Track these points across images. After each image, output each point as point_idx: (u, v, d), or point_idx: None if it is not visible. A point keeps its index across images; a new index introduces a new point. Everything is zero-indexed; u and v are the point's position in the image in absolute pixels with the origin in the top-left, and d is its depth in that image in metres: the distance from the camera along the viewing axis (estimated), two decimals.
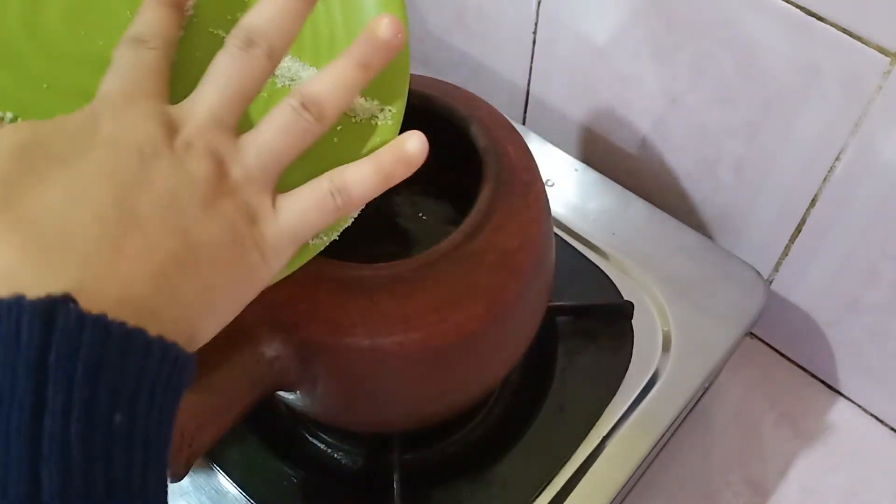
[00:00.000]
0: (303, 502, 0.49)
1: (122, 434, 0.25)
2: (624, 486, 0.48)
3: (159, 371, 0.26)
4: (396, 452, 0.48)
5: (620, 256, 0.57)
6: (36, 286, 0.25)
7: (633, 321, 0.54)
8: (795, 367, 0.64)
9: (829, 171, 0.52)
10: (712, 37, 0.52)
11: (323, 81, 0.32)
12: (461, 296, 0.38)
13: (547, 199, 0.43)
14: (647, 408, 0.51)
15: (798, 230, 0.56)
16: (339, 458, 0.50)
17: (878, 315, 0.56)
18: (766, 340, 0.65)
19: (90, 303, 0.25)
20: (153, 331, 0.26)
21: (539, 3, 0.61)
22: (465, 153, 0.42)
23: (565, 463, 0.48)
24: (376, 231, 0.49)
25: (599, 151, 0.66)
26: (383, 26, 0.32)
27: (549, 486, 0.48)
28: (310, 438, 0.50)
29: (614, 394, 0.51)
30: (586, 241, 0.58)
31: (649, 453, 0.49)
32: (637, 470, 0.49)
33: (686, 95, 0.56)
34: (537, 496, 0.48)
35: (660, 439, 0.50)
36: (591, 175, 0.61)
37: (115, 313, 0.25)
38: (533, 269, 0.41)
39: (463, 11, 0.67)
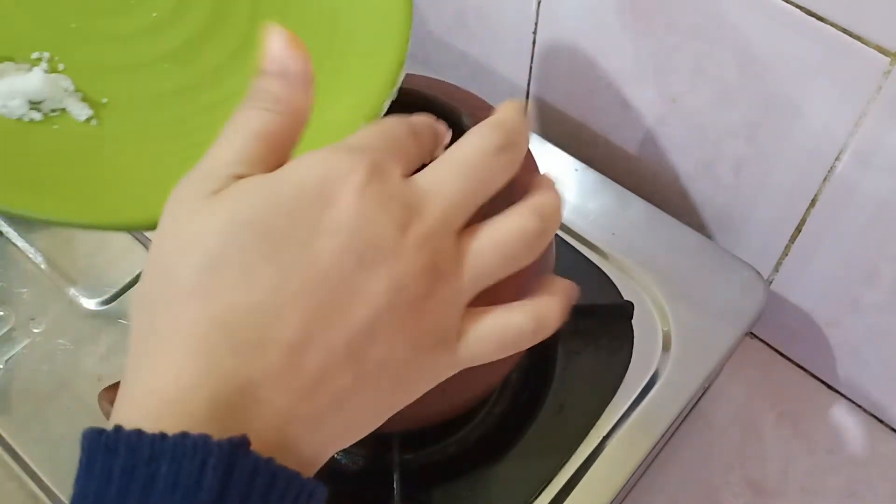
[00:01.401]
0: None
1: None
2: (624, 486, 0.48)
3: None
4: (396, 452, 0.48)
5: (620, 256, 0.57)
6: (203, 404, 0.24)
7: (633, 321, 0.54)
8: (795, 367, 0.64)
9: (829, 171, 0.52)
10: (712, 37, 0.52)
11: (555, 203, 0.30)
12: None
13: None
14: (647, 408, 0.51)
15: (798, 230, 0.56)
16: (339, 458, 0.50)
17: (878, 315, 0.56)
18: (766, 340, 0.65)
19: (258, 423, 0.25)
20: (307, 468, 0.26)
21: (539, 3, 0.61)
22: None
23: (565, 463, 0.48)
24: None
25: (599, 151, 0.66)
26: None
27: (549, 486, 0.48)
28: None
29: (614, 394, 0.51)
30: (586, 241, 0.58)
31: (649, 453, 0.49)
32: (637, 470, 0.49)
33: (686, 95, 0.56)
34: (537, 496, 0.48)
35: (660, 439, 0.50)
36: (591, 175, 0.61)
37: (272, 444, 0.25)
38: (533, 269, 0.41)
39: (463, 11, 0.67)
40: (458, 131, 0.42)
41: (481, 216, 0.39)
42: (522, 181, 0.42)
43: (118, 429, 0.24)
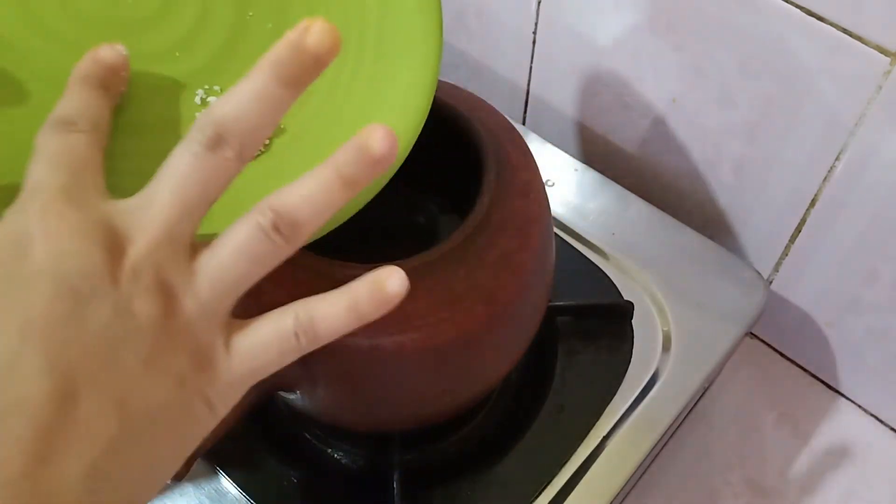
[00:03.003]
0: (303, 502, 0.49)
1: None
2: (624, 485, 0.48)
3: None
4: (396, 452, 0.48)
5: (620, 256, 0.57)
6: None
7: (633, 321, 0.54)
8: (795, 367, 0.64)
9: (829, 171, 0.52)
10: (712, 37, 0.52)
11: (300, 195, 0.27)
12: (461, 296, 0.38)
13: (547, 199, 0.43)
14: (647, 408, 0.51)
15: (798, 230, 0.56)
16: (339, 458, 0.50)
17: (878, 315, 0.56)
18: (766, 340, 0.65)
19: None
20: None
21: (539, 3, 0.61)
22: (465, 153, 0.42)
23: (565, 463, 0.48)
24: (375, 231, 0.49)
25: (599, 151, 0.66)
26: (378, 142, 0.26)
27: (549, 486, 0.48)
28: (310, 438, 0.50)
29: (614, 394, 0.51)
30: (586, 241, 0.58)
31: (649, 453, 0.49)
32: (637, 470, 0.49)
33: (686, 95, 0.56)
34: (537, 496, 0.48)
35: (660, 439, 0.50)
36: (591, 175, 0.61)
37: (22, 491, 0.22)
38: (533, 269, 0.41)
39: (463, 11, 0.67)
40: (458, 132, 0.42)
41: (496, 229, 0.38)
42: (523, 179, 0.42)
43: None
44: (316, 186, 0.27)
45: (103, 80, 0.30)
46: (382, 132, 0.26)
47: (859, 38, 0.45)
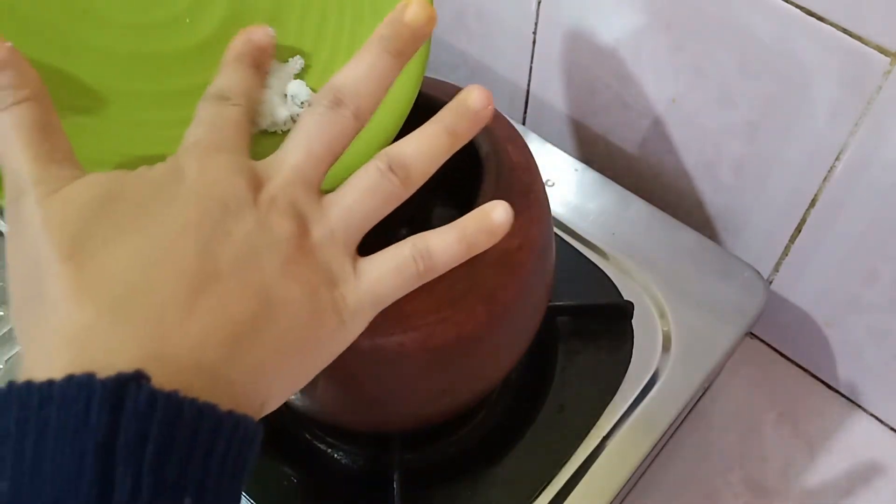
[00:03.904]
0: (303, 502, 0.49)
1: None
2: (624, 485, 0.48)
3: (229, 448, 0.25)
4: (396, 452, 0.48)
5: (620, 256, 0.57)
6: (107, 351, 0.25)
7: (633, 321, 0.54)
8: (795, 367, 0.64)
9: (829, 171, 0.52)
10: (712, 37, 0.52)
11: (410, 145, 0.32)
12: (461, 296, 0.38)
13: (547, 199, 0.43)
14: (647, 408, 0.51)
15: (798, 230, 0.56)
16: (339, 458, 0.50)
17: (878, 315, 0.56)
18: (766, 340, 0.65)
19: (162, 369, 0.24)
20: (225, 401, 0.25)
21: (539, 3, 0.61)
22: (464, 153, 0.42)
23: (565, 463, 0.48)
24: (375, 231, 0.49)
25: (599, 151, 0.66)
26: (474, 97, 0.32)
27: (549, 486, 0.48)
28: (310, 438, 0.50)
29: (614, 394, 0.51)
30: (586, 241, 0.58)
31: (649, 453, 0.49)
32: (637, 470, 0.49)
33: (686, 95, 0.56)
34: (537, 496, 0.48)
35: (660, 439, 0.50)
36: (591, 175, 0.61)
37: (187, 381, 0.25)
38: (533, 269, 0.41)
39: (463, 11, 0.67)
40: None
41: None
42: (523, 179, 0.42)
43: (10, 383, 0.24)
44: (424, 137, 0.32)
45: (255, 59, 0.34)
46: (478, 91, 0.32)
47: (859, 38, 0.45)
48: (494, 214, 0.32)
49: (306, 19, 0.39)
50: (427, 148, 0.31)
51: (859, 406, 0.62)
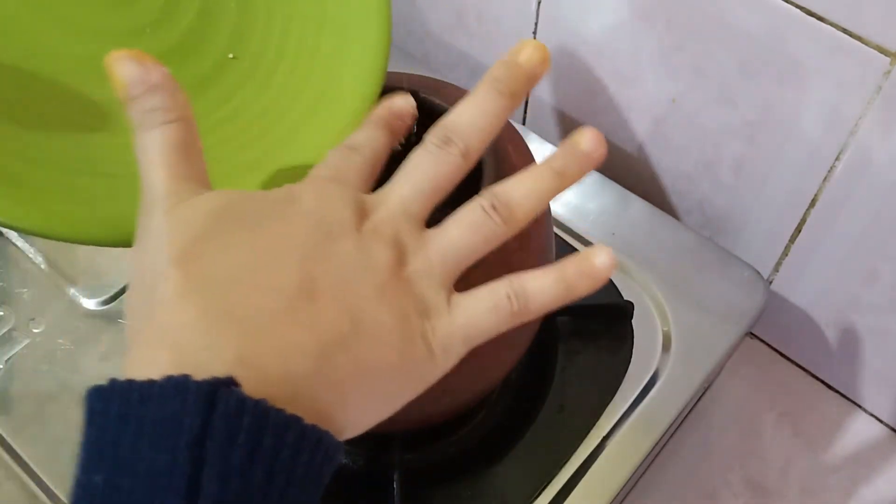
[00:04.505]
0: None
1: None
2: (624, 485, 0.48)
3: (311, 461, 0.26)
4: (396, 452, 0.48)
5: (620, 256, 0.57)
6: (203, 353, 0.26)
7: (633, 321, 0.54)
8: (795, 367, 0.64)
9: (829, 171, 0.52)
10: (712, 37, 0.52)
11: (517, 186, 0.32)
12: None
13: None
14: (647, 408, 0.51)
15: (798, 230, 0.56)
16: None
17: (878, 315, 0.56)
18: (766, 340, 0.65)
19: (251, 376, 0.25)
20: (309, 416, 0.25)
21: (539, 3, 0.61)
22: None
23: (565, 463, 0.49)
24: None
25: None
26: (586, 139, 0.32)
27: (549, 486, 0.48)
28: None
29: (614, 394, 0.51)
30: (586, 241, 0.58)
31: (649, 453, 0.49)
32: (637, 470, 0.49)
33: (686, 95, 0.56)
34: (537, 496, 0.48)
35: (660, 439, 0.50)
36: (591, 175, 0.61)
37: (274, 391, 0.25)
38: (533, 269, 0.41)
39: (463, 11, 0.67)
40: None
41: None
42: None
43: (112, 380, 0.25)
44: (531, 177, 0.32)
45: (389, 123, 0.36)
46: (591, 133, 0.33)
47: (859, 38, 0.45)
48: (597, 260, 0.32)
49: (270, 30, 0.39)
50: (533, 189, 0.32)
51: (859, 406, 0.62)
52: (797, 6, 0.46)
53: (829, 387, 0.63)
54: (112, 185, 0.35)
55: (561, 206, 0.59)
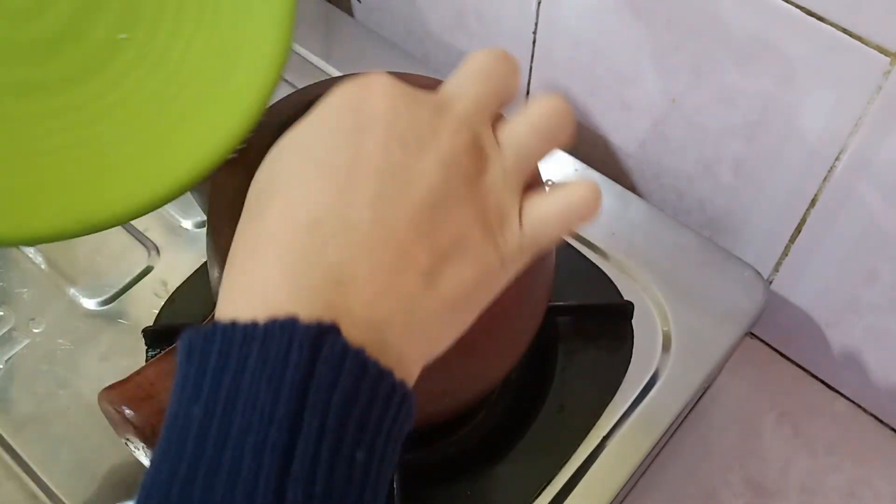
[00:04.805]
0: None
1: (361, 472, 0.25)
2: (624, 485, 0.48)
3: (397, 415, 0.26)
4: None
5: (620, 256, 0.57)
6: (296, 298, 0.26)
7: (633, 321, 0.54)
8: (795, 367, 0.64)
9: (829, 171, 0.52)
10: (712, 37, 0.52)
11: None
12: None
13: None
14: (647, 408, 0.51)
15: (798, 230, 0.56)
16: None
17: (878, 315, 0.56)
18: (766, 340, 0.65)
19: (340, 321, 0.25)
20: (398, 369, 0.26)
21: (539, 3, 0.61)
22: None
23: (565, 463, 0.48)
24: None
25: (599, 151, 0.66)
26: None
27: (549, 486, 0.48)
28: None
29: (614, 394, 0.51)
30: (586, 241, 0.58)
31: (649, 453, 0.49)
32: (637, 470, 0.49)
33: (686, 95, 0.56)
34: (537, 496, 0.48)
35: (660, 439, 0.50)
36: (592, 175, 0.61)
37: (363, 338, 0.25)
38: (533, 270, 0.41)
39: (463, 11, 0.67)
40: None
41: None
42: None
43: (214, 322, 0.25)
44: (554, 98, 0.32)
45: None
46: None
47: (859, 38, 0.45)
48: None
49: (164, 6, 0.38)
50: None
51: (859, 406, 0.62)
52: (797, 6, 0.46)
53: (829, 387, 0.63)
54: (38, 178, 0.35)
55: None
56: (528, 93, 0.68)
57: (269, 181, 0.29)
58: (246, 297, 0.26)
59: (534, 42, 0.64)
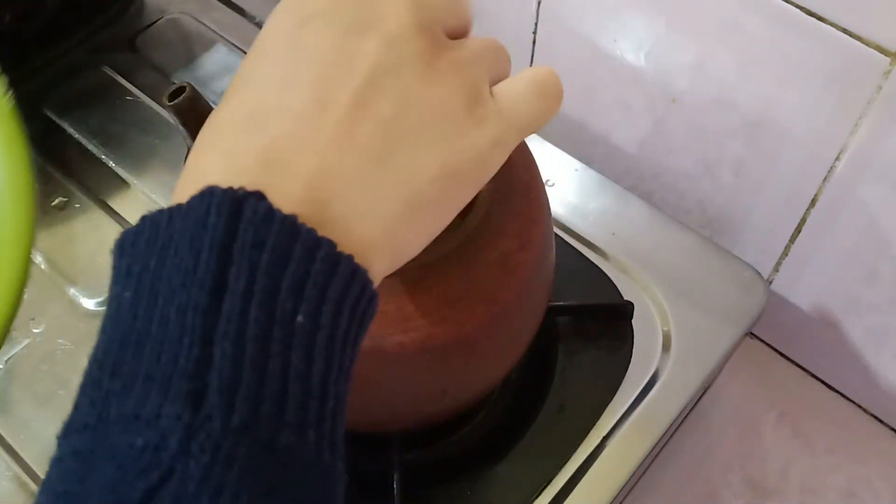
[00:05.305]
0: None
1: (304, 336, 0.23)
2: (624, 485, 0.48)
3: (347, 289, 0.24)
4: (396, 452, 0.48)
5: (620, 256, 0.57)
6: (224, 177, 0.25)
7: (633, 321, 0.54)
8: (795, 367, 0.64)
9: (829, 171, 0.52)
10: (712, 37, 0.52)
11: None
12: (461, 296, 0.38)
13: (547, 199, 0.43)
14: (647, 408, 0.51)
15: (798, 230, 0.56)
16: None
17: (878, 315, 0.56)
18: (766, 340, 0.65)
19: (268, 194, 0.24)
20: (344, 243, 0.24)
21: (539, 3, 0.61)
22: None
23: (565, 463, 0.48)
24: None
25: (599, 151, 0.66)
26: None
27: (549, 486, 0.48)
28: None
29: (614, 394, 0.51)
30: (586, 241, 0.58)
31: (649, 453, 0.49)
32: (637, 470, 0.49)
33: (686, 95, 0.56)
34: (537, 496, 0.48)
35: (660, 439, 0.50)
36: (591, 175, 0.61)
37: (299, 211, 0.24)
38: (533, 270, 0.41)
39: None
40: None
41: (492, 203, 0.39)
42: (523, 179, 0.42)
43: (142, 216, 0.25)
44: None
45: None
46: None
47: (859, 38, 0.45)
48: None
49: None
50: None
51: (859, 406, 0.62)
52: (797, 6, 0.46)
53: (829, 387, 0.63)
54: None
55: (561, 206, 0.59)
56: None
57: (231, 84, 0.29)
58: (186, 188, 0.25)
59: (534, 42, 0.64)
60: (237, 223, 0.23)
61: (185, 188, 0.25)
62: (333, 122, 0.26)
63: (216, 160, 0.26)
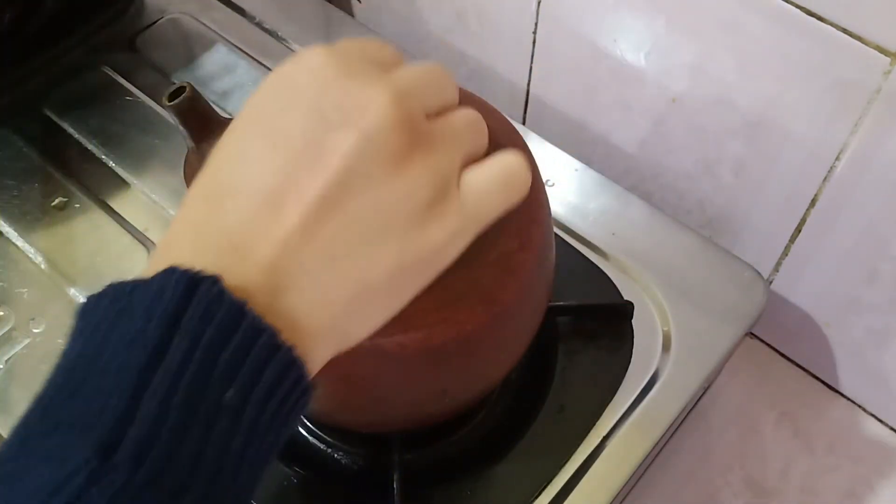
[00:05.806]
0: (303, 502, 0.49)
1: (230, 412, 0.24)
2: (624, 486, 0.48)
3: (282, 378, 0.25)
4: (396, 452, 0.48)
5: (620, 256, 0.57)
6: (190, 255, 0.26)
7: (633, 321, 0.54)
8: (795, 367, 0.64)
9: (829, 171, 0.52)
10: (712, 37, 0.52)
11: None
12: (461, 296, 0.38)
13: (547, 199, 0.43)
14: (647, 408, 0.51)
15: (798, 230, 0.56)
16: (339, 458, 0.50)
17: (878, 315, 0.56)
18: (766, 340, 0.65)
19: (226, 276, 0.25)
20: (288, 333, 0.25)
21: (539, 3, 0.61)
22: None
23: (565, 463, 0.48)
24: None
25: (599, 151, 0.66)
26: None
27: (549, 486, 0.48)
28: (310, 438, 0.50)
29: (614, 394, 0.51)
30: (586, 241, 0.58)
31: (649, 453, 0.49)
32: (637, 470, 0.49)
33: (686, 95, 0.56)
34: (537, 496, 0.48)
35: (660, 439, 0.50)
36: (591, 175, 0.61)
37: (253, 297, 0.25)
38: (533, 270, 0.41)
39: (463, 11, 0.67)
40: None
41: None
42: None
43: (110, 283, 0.26)
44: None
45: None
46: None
47: (859, 38, 0.45)
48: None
49: None
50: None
51: (859, 406, 0.62)
52: (797, 6, 0.46)
53: (829, 387, 0.63)
54: None
55: (561, 206, 0.59)
56: (528, 92, 0.68)
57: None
58: (157, 262, 0.27)
59: (534, 42, 0.64)
60: (191, 298, 0.24)
61: (157, 261, 0.27)
62: (298, 213, 0.26)
63: (186, 233, 0.27)
